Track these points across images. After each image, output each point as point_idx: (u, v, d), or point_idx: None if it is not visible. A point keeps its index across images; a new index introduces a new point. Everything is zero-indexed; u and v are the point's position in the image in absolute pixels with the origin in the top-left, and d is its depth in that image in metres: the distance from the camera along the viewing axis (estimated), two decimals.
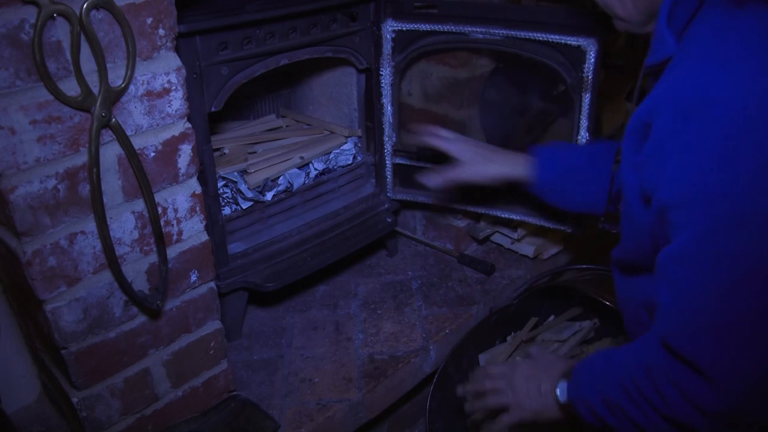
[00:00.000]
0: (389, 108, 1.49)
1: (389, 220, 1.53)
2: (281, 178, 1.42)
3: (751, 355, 0.74)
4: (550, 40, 1.27)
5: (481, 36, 1.34)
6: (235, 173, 1.37)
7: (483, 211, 1.54)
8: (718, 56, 0.73)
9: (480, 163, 1.21)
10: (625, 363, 0.87)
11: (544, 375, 1.00)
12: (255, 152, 1.48)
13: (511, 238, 1.63)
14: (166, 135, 0.94)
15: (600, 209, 1.13)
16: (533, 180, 1.19)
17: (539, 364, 1.03)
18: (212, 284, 1.10)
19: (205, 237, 1.05)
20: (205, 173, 1.18)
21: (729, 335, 0.74)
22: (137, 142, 0.89)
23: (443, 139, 1.27)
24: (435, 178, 1.25)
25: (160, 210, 0.95)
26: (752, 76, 0.70)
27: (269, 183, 1.39)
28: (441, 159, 1.32)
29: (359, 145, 1.56)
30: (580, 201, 1.18)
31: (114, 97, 0.84)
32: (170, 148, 0.95)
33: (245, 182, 1.36)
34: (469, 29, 1.34)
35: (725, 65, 0.71)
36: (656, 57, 0.84)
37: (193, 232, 1.03)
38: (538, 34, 1.28)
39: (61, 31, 0.77)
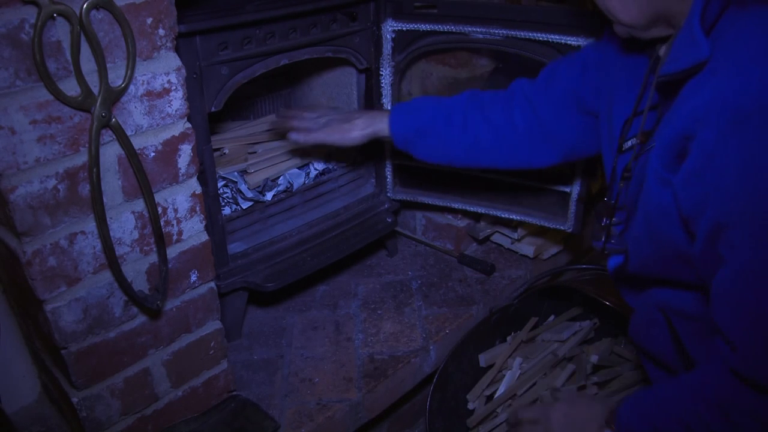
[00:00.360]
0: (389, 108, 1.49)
1: (389, 220, 1.53)
2: (281, 178, 1.41)
3: None
4: (550, 40, 1.27)
5: (481, 36, 1.34)
6: (235, 173, 1.37)
7: (483, 211, 1.54)
8: None
9: (341, 129, 1.26)
10: (684, 401, 0.82)
11: (583, 423, 0.95)
12: (255, 152, 1.48)
13: (511, 238, 1.63)
14: (166, 135, 0.94)
15: (457, 162, 1.25)
16: (392, 137, 1.26)
17: (575, 410, 0.98)
18: (212, 284, 1.10)
19: (205, 237, 1.05)
20: (205, 173, 1.18)
21: None
22: (137, 142, 0.89)
23: (299, 119, 1.32)
24: (299, 136, 1.29)
25: (160, 210, 0.95)
26: None
27: (269, 183, 1.39)
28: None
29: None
30: (437, 155, 1.26)
31: (114, 97, 0.84)
32: (170, 148, 0.95)
33: (245, 182, 1.36)
34: (469, 29, 1.34)
35: None
36: (684, 62, 0.75)
37: (193, 232, 1.03)
38: (538, 34, 1.28)
39: (61, 31, 0.77)
